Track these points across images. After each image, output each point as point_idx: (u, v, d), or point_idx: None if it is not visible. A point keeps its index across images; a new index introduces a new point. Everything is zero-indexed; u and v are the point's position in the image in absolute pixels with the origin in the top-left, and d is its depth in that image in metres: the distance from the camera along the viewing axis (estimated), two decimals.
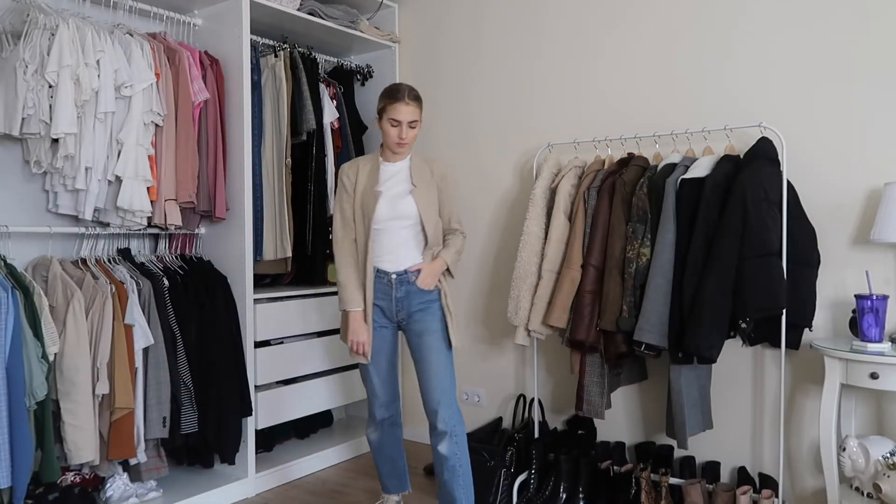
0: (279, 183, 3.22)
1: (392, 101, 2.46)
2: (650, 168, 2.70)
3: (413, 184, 2.50)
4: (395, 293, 2.48)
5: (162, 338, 2.73)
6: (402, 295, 2.48)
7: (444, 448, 2.44)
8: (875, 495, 2.30)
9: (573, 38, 3.27)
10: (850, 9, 2.59)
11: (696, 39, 2.93)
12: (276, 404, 3.20)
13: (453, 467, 2.45)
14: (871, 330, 2.29)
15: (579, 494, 2.81)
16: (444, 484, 2.48)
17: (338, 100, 3.62)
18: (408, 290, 2.47)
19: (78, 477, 2.71)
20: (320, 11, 3.44)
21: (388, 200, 2.47)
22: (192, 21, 3.14)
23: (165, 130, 2.83)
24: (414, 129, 2.50)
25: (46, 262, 2.60)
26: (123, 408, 2.55)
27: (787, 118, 2.69)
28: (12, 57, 2.48)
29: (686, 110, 2.93)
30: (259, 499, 3.04)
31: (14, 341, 2.25)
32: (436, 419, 2.45)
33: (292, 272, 3.47)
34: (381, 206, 2.46)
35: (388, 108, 2.47)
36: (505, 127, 3.50)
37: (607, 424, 3.12)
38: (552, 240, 2.82)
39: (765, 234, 2.34)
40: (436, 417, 2.45)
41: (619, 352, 2.61)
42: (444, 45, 3.72)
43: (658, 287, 2.49)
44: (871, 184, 2.55)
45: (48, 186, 2.73)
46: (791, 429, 2.72)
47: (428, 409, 2.48)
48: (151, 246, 3.15)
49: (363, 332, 2.47)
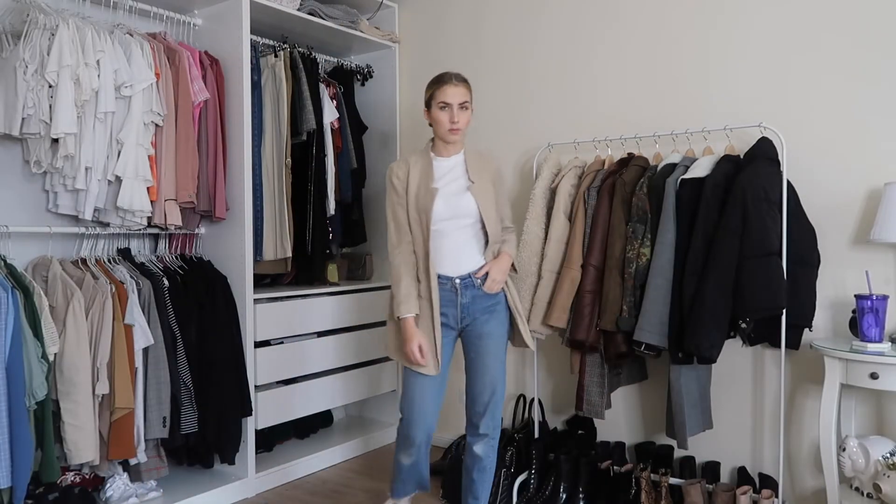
0: (279, 183, 3.22)
1: (439, 85, 2.37)
2: (650, 168, 2.70)
3: (470, 179, 2.36)
4: (461, 299, 2.35)
5: (162, 338, 2.73)
6: (468, 300, 2.36)
7: (480, 449, 2.43)
8: (875, 495, 2.30)
9: (573, 38, 3.27)
10: (850, 9, 2.59)
11: (697, 39, 2.93)
12: (276, 404, 3.20)
13: (485, 468, 2.46)
14: (871, 330, 2.29)
15: (579, 494, 2.81)
16: (473, 482, 2.48)
17: (338, 100, 3.62)
18: (473, 294, 2.36)
19: (78, 477, 2.71)
20: (320, 11, 3.44)
21: (445, 198, 2.33)
22: (192, 21, 3.14)
23: (165, 130, 2.83)
24: (466, 110, 2.37)
25: (46, 262, 2.60)
26: (123, 408, 2.55)
27: (787, 118, 2.69)
28: (12, 57, 2.48)
29: (686, 110, 2.93)
30: (259, 499, 3.04)
31: (14, 341, 2.25)
32: (480, 422, 2.42)
33: (292, 272, 3.47)
34: (439, 205, 2.32)
35: (435, 94, 2.37)
36: (505, 127, 3.50)
37: (607, 424, 3.12)
38: (552, 240, 2.82)
39: (765, 234, 2.34)
40: (481, 420, 2.41)
41: (619, 352, 2.61)
42: (444, 45, 3.72)
43: (658, 287, 2.49)
44: (871, 184, 2.55)
45: (48, 186, 2.73)
46: (791, 429, 2.72)
47: (474, 410, 2.43)
48: (151, 246, 3.14)
49: (418, 336, 2.31)
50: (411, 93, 3.83)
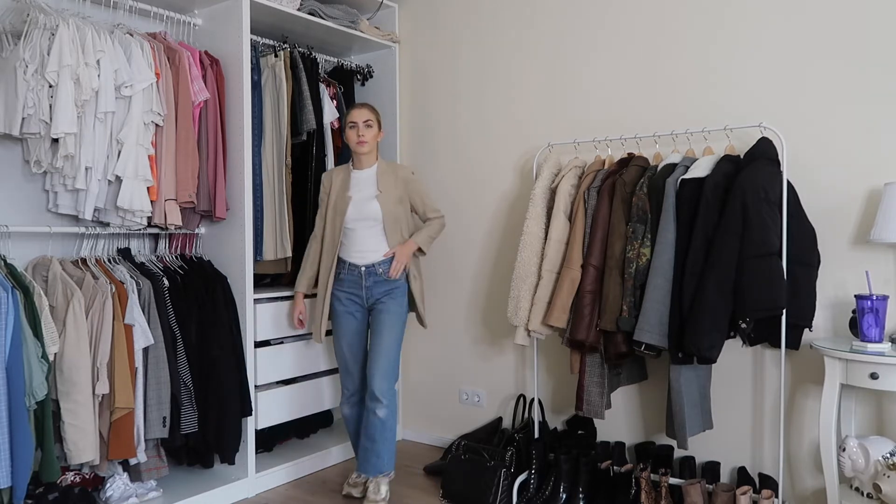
0: (279, 183, 3.22)
1: (349, 110, 2.98)
2: (650, 168, 2.70)
3: (379, 189, 2.91)
4: (364, 282, 2.91)
5: (162, 338, 2.73)
6: (370, 284, 2.91)
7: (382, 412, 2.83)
8: (875, 495, 2.30)
9: (573, 38, 3.27)
10: (850, 9, 2.59)
11: (697, 39, 2.93)
12: (276, 404, 3.20)
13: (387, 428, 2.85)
14: (871, 330, 2.29)
15: (579, 494, 2.81)
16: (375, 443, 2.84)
17: (338, 100, 3.62)
18: (375, 280, 2.91)
19: (78, 477, 2.71)
20: (320, 11, 3.44)
21: (355, 204, 2.91)
22: (192, 21, 3.14)
23: (165, 130, 2.83)
24: (371, 128, 2.92)
25: (46, 261, 2.60)
26: (123, 408, 2.55)
27: (787, 118, 2.69)
28: (12, 57, 2.48)
29: (686, 110, 2.94)
30: (259, 499, 3.04)
31: (14, 341, 2.25)
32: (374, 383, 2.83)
33: (292, 272, 3.46)
34: (350, 209, 2.90)
35: (347, 118, 2.96)
36: (505, 127, 3.50)
37: (607, 424, 3.12)
38: (552, 240, 2.82)
39: (765, 234, 2.34)
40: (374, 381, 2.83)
41: (619, 352, 2.62)
42: (444, 45, 3.72)
43: (658, 287, 2.49)
44: (871, 184, 2.55)
45: (48, 186, 2.73)
46: (791, 429, 2.72)
47: (371, 373, 2.85)
48: (151, 246, 3.15)
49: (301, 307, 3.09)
50: (411, 93, 3.83)
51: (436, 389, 3.76)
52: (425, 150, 3.76)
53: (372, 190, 2.92)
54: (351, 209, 2.90)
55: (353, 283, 2.92)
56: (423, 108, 3.78)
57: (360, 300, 2.94)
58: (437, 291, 3.70)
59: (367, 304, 2.94)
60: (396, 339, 2.92)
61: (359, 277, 2.91)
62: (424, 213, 3.04)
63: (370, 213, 2.89)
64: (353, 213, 2.90)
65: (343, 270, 2.94)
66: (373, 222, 2.89)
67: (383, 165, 2.99)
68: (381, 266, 2.90)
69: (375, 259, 2.90)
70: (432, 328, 3.71)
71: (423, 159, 3.76)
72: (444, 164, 3.70)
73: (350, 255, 2.92)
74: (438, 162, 3.73)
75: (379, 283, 2.91)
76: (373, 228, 2.90)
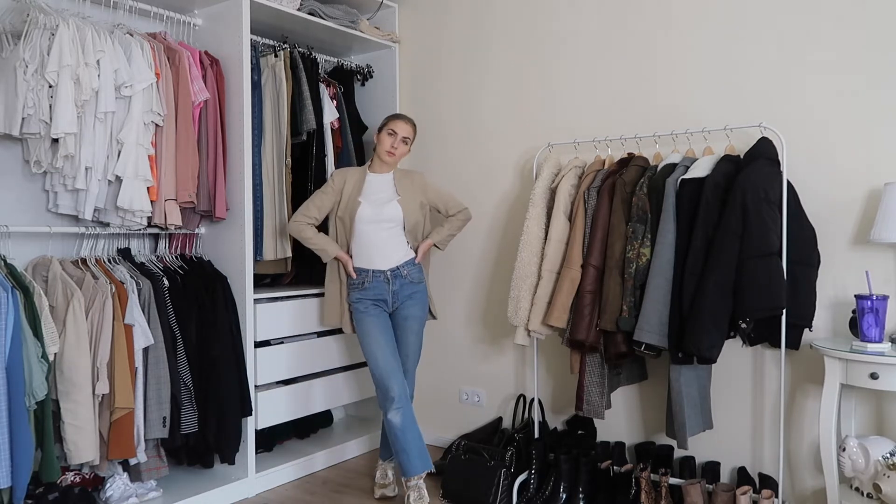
0: (279, 183, 3.22)
1: (394, 119, 2.95)
2: (650, 168, 2.70)
3: (398, 193, 2.93)
4: (391, 286, 2.90)
5: (162, 338, 2.73)
6: (397, 287, 2.91)
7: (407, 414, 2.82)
8: (875, 495, 2.30)
9: (573, 38, 3.27)
10: (850, 9, 2.59)
11: (697, 39, 2.93)
12: (276, 404, 3.20)
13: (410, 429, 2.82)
14: (871, 330, 2.29)
15: (579, 494, 2.81)
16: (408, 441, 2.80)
17: (338, 100, 3.62)
18: (401, 283, 2.91)
19: (78, 477, 2.71)
20: (320, 11, 3.44)
21: (373, 205, 2.89)
22: (192, 21, 3.14)
23: (165, 130, 2.83)
24: (405, 144, 2.94)
25: (46, 262, 2.60)
26: (123, 408, 2.55)
27: (787, 118, 2.69)
28: (12, 57, 2.48)
29: (686, 110, 2.93)
30: (259, 499, 3.04)
31: (14, 341, 2.25)
32: None
33: (292, 272, 3.47)
34: (368, 210, 2.88)
35: (389, 123, 2.94)
36: (505, 127, 3.50)
37: (607, 424, 3.12)
38: (552, 240, 2.82)
39: (765, 234, 2.34)
40: None
41: (619, 352, 2.62)
42: (444, 45, 3.72)
43: (658, 287, 2.49)
44: (871, 184, 2.55)
45: (48, 186, 2.73)
46: (791, 429, 2.72)
47: None
48: (151, 246, 3.15)
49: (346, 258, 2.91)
50: (411, 93, 3.83)
51: (436, 389, 3.76)
52: (425, 151, 3.75)
53: (390, 193, 2.93)
54: (368, 210, 2.88)
55: (380, 289, 2.89)
56: (423, 108, 3.77)
57: (386, 305, 2.92)
58: (438, 291, 3.70)
59: (392, 307, 2.94)
60: (421, 343, 3.02)
61: (385, 282, 2.89)
62: (447, 212, 3.06)
63: (390, 216, 2.89)
64: (371, 215, 2.88)
65: (367, 279, 2.89)
66: (392, 224, 2.90)
67: (398, 172, 3.01)
68: (405, 268, 2.91)
69: (399, 261, 2.91)
70: (433, 328, 3.71)
71: (422, 159, 3.76)
72: (444, 164, 3.70)
73: (372, 262, 2.89)
74: (438, 162, 3.72)
75: (405, 285, 2.91)
76: (392, 230, 2.90)
